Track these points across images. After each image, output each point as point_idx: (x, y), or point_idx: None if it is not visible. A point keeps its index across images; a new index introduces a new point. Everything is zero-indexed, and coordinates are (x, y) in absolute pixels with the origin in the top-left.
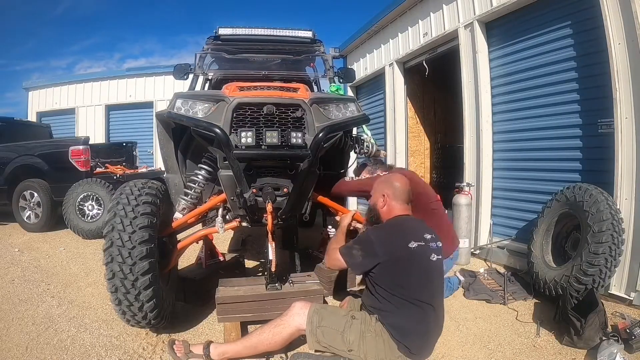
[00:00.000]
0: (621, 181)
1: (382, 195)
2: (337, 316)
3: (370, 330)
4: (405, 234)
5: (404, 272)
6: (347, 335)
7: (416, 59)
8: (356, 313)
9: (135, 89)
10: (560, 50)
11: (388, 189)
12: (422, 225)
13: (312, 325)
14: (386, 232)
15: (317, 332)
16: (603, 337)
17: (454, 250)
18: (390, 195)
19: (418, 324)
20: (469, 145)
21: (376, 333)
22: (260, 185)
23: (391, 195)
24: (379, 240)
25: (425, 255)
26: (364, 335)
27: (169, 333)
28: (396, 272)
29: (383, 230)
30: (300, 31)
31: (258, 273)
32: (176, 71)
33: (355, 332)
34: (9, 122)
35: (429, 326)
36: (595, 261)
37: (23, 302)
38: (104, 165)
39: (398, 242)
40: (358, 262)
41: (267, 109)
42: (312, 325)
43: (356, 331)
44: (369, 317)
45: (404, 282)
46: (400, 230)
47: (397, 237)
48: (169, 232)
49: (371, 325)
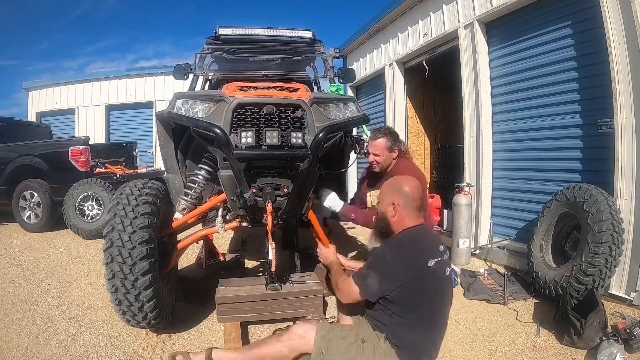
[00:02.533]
0: (621, 181)
1: (391, 203)
2: (345, 342)
3: (379, 353)
4: (423, 252)
5: (422, 291)
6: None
7: (416, 59)
8: (364, 333)
9: (135, 89)
10: (560, 50)
11: (398, 197)
12: (435, 237)
13: (319, 352)
14: (403, 250)
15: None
16: (603, 337)
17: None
18: (401, 203)
19: (429, 342)
20: (469, 145)
21: (385, 355)
22: (260, 185)
23: (402, 204)
24: (397, 261)
25: (442, 271)
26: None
27: (169, 333)
28: (414, 292)
29: (399, 248)
30: (300, 31)
31: (258, 273)
32: (176, 71)
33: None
34: (9, 122)
35: (438, 343)
36: (595, 261)
37: (23, 302)
38: (104, 166)
39: (417, 262)
40: (375, 289)
41: (267, 109)
42: (319, 352)
43: (367, 358)
44: (376, 336)
45: (422, 301)
46: (418, 248)
47: (416, 257)
48: (169, 232)
49: (380, 347)
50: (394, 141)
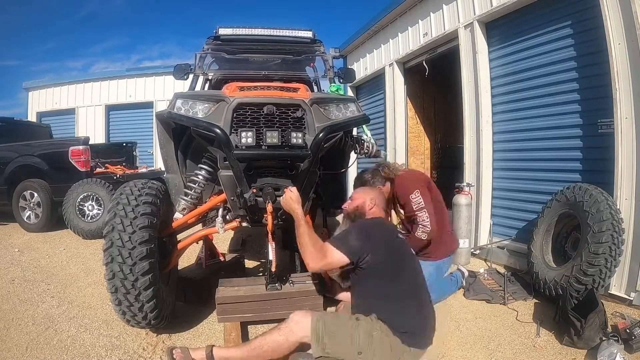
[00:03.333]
0: (621, 181)
1: (371, 199)
2: (341, 320)
3: (376, 328)
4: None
5: (398, 256)
6: (356, 337)
7: (416, 59)
8: (358, 315)
9: (135, 89)
10: (560, 50)
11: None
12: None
13: (317, 333)
14: (377, 222)
15: (323, 339)
16: (603, 337)
17: (455, 249)
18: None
19: (413, 312)
20: (469, 145)
21: (381, 330)
22: (261, 186)
23: (378, 202)
24: (373, 226)
25: (407, 246)
26: (371, 334)
27: (169, 333)
28: (390, 256)
29: (373, 221)
30: (300, 31)
31: (258, 273)
32: (176, 71)
33: (363, 333)
34: (9, 122)
35: (422, 312)
36: (595, 261)
37: (23, 302)
38: (104, 166)
39: (388, 230)
40: (356, 247)
41: (268, 109)
42: (317, 333)
43: (364, 331)
44: (369, 318)
45: (399, 266)
46: (387, 224)
47: (387, 227)
48: (169, 232)
49: (375, 323)
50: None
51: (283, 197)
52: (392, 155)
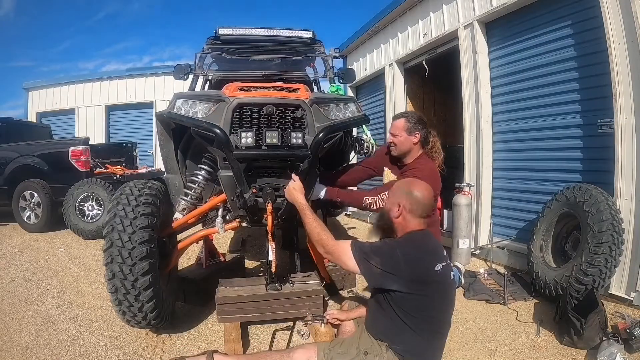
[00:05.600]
0: (621, 181)
1: (397, 204)
2: (348, 357)
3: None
4: (431, 255)
5: (429, 296)
6: None
7: (416, 59)
8: (365, 345)
9: (135, 89)
10: (560, 50)
11: (406, 200)
12: (439, 242)
13: None
14: (414, 251)
15: None
16: (603, 337)
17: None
18: (407, 207)
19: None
20: (469, 145)
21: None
22: (261, 186)
23: (407, 207)
24: (407, 261)
25: (448, 275)
26: None
27: (169, 333)
28: (421, 296)
29: (409, 248)
30: (300, 31)
31: (258, 273)
32: (176, 71)
33: None
34: (9, 122)
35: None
36: (595, 261)
37: (23, 303)
38: (104, 166)
39: (426, 265)
40: (376, 275)
41: (267, 109)
42: None
43: None
44: (378, 346)
45: (428, 306)
46: (427, 251)
47: (425, 260)
48: (169, 232)
49: (383, 356)
50: (414, 124)
51: (286, 188)
52: None
